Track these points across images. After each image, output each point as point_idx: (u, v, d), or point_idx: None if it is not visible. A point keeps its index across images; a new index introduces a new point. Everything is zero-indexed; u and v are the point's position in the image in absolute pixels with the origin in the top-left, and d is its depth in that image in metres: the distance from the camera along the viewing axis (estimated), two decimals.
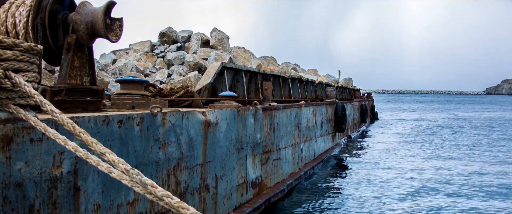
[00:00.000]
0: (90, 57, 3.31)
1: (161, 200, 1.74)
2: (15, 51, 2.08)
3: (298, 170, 7.94)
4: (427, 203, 6.76)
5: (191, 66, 13.25)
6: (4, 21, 3.05)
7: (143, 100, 3.93)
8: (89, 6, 3.20)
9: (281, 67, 21.36)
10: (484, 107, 58.14)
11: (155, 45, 15.83)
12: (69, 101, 3.03)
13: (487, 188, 7.95)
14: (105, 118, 2.75)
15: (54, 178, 2.32)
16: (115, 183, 2.79)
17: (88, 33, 3.12)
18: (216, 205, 4.47)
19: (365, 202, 6.80)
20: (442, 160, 11.25)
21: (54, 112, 2.01)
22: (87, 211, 2.60)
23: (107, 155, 1.85)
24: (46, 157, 2.26)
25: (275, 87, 10.15)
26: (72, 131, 1.96)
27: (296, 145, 7.86)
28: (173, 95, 5.44)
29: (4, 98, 2.04)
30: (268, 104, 6.42)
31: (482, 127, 23.87)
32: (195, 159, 3.97)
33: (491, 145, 15.06)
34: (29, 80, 2.12)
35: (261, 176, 5.86)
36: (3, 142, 2.01)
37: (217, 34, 16.51)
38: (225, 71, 7.76)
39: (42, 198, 2.24)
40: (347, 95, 21.54)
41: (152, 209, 3.27)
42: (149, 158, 3.23)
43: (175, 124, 3.59)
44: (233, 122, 4.86)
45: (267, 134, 6.10)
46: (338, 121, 12.08)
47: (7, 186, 2.04)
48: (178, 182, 3.67)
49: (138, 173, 1.79)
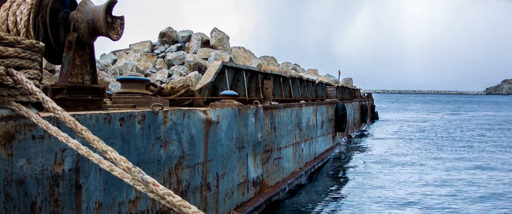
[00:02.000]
0: (91, 56, 3.31)
1: (163, 199, 1.74)
2: (17, 48, 2.07)
3: (298, 169, 7.93)
4: (427, 203, 6.76)
5: (191, 66, 13.25)
6: (5, 19, 3.04)
7: (144, 99, 3.93)
8: (90, 4, 3.20)
9: (281, 67, 21.36)
10: (483, 107, 58.12)
11: (155, 45, 15.83)
12: (71, 99, 3.03)
13: (488, 187, 7.94)
14: (106, 115, 2.75)
15: (55, 175, 2.32)
16: (117, 181, 2.79)
17: (89, 31, 3.12)
18: (218, 204, 4.46)
19: (366, 201, 6.79)
20: (442, 160, 11.24)
21: (56, 109, 2.00)
22: (88, 209, 2.59)
23: (109, 153, 1.85)
24: (47, 154, 2.26)
25: (276, 86, 10.15)
26: (74, 128, 1.96)
27: (296, 144, 7.85)
28: (174, 95, 5.44)
29: (6, 95, 2.03)
30: (269, 104, 6.42)
31: (483, 125, 23.87)
32: (196, 157, 3.96)
33: (491, 144, 15.06)
34: (31, 77, 2.12)
35: (262, 175, 5.86)
36: (5, 139, 2.01)
37: (217, 34, 16.51)
38: (226, 71, 7.76)
39: (43, 195, 2.24)
40: (347, 95, 21.54)
41: (153, 207, 3.26)
42: (150, 156, 3.23)
43: (176, 122, 3.58)
44: (234, 121, 4.85)
45: (268, 133, 6.09)
46: (338, 120, 12.08)
47: (9, 183, 2.03)
48: (179, 180, 3.67)
49: (139, 171, 1.79)
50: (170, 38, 16.03)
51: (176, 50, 15.24)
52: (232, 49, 16.94)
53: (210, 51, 15.17)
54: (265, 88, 6.80)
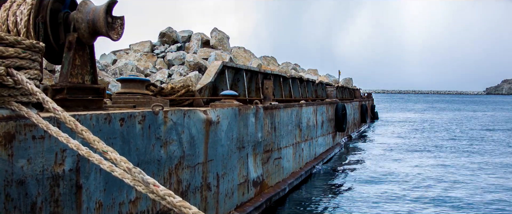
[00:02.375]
0: (92, 56, 3.31)
1: (163, 199, 1.74)
2: (17, 49, 2.07)
3: (299, 170, 7.93)
4: (427, 203, 6.75)
5: (191, 66, 13.25)
6: (5, 20, 3.04)
7: (144, 99, 3.92)
8: (90, 4, 3.20)
9: (281, 67, 21.36)
10: (482, 107, 58.13)
11: (155, 46, 15.83)
12: (71, 100, 3.03)
13: (489, 187, 7.94)
14: (107, 116, 2.75)
15: (56, 175, 2.32)
16: (117, 181, 2.79)
17: (90, 31, 3.12)
18: (218, 204, 4.46)
19: (366, 201, 6.79)
20: (443, 159, 11.24)
21: (56, 109, 2.00)
22: (89, 209, 2.59)
23: (109, 153, 1.85)
24: (48, 155, 2.26)
25: (276, 86, 10.15)
26: (74, 128, 1.96)
27: (297, 144, 7.85)
28: (174, 95, 5.44)
29: (6, 95, 2.03)
30: (269, 104, 6.42)
31: (482, 124, 23.88)
32: (196, 157, 3.96)
33: (490, 143, 15.06)
34: (31, 77, 2.12)
35: (262, 175, 5.86)
36: (5, 139, 2.01)
37: (217, 34, 16.51)
38: (226, 71, 7.76)
39: (44, 195, 2.24)
40: (347, 95, 21.53)
41: (154, 207, 3.26)
42: (150, 156, 3.23)
43: (176, 123, 3.58)
44: (234, 121, 4.85)
45: (268, 133, 6.09)
46: (338, 120, 12.08)
47: (9, 183, 2.03)
48: (179, 180, 3.67)
49: (140, 171, 1.79)
50: (170, 38, 16.03)
51: (176, 50, 15.24)
52: (232, 49, 16.94)
53: (210, 51, 15.17)
54: (265, 88, 6.79)
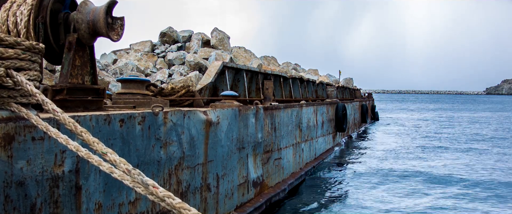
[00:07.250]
0: (92, 56, 3.30)
1: (163, 201, 1.73)
2: (17, 50, 2.07)
3: (299, 170, 7.93)
4: (428, 203, 6.75)
5: (192, 66, 13.25)
6: (5, 20, 3.04)
7: (144, 100, 3.92)
8: (90, 5, 3.19)
9: (281, 67, 21.36)
10: (482, 107, 58.10)
11: (156, 45, 15.83)
12: (71, 100, 3.03)
13: (489, 186, 7.94)
14: (106, 117, 2.74)
15: (55, 177, 2.32)
16: (117, 182, 2.78)
17: (90, 32, 3.12)
18: (218, 205, 4.46)
19: (366, 201, 6.79)
20: (443, 159, 11.23)
21: (55, 110, 2.00)
22: (88, 210, 2.59)
23: (109, 155, 1.84)
24: (47, 156, 2.26)
25: (276, 87, 10.14)
26: (73, 130, 1.96)
27: (297, 145, 7.85)
28: (174, 95, 5.43)
29: (5, 96, 2.03)
30: (269, 104, 6.41)
31: (483, 123, 23.86)
32: (196, 158, 3.96)
33: (491, 142, 15.05)
34: (30, 79, 2.12)
35: (262, 175, 5.85)
36: (4, 140, 2.01)
37: (218, 34, 16.50)
38: (226, 71, 7.75)
39: (43, 197, 2.24)
40: (348, 95, 21.52)
41: (153, 208, 3.26)
42: (150, 157, 3.23)
43: (176, 123, 3.58)
44: (235, 122, 4.85)
45: (268, 133, 6.09)
46: (338, 120, 12.07)
47: (8, 184, 2.03)
48: (179, 181, 3.66)
49: (139, 173, 1.78)
50: (170, 38, 16.03)
51: (176, 50, 15.24)
52: (232, 49, 16.93)
53: (210, 51, 15.17)
54: (265, 89, 6.79)
